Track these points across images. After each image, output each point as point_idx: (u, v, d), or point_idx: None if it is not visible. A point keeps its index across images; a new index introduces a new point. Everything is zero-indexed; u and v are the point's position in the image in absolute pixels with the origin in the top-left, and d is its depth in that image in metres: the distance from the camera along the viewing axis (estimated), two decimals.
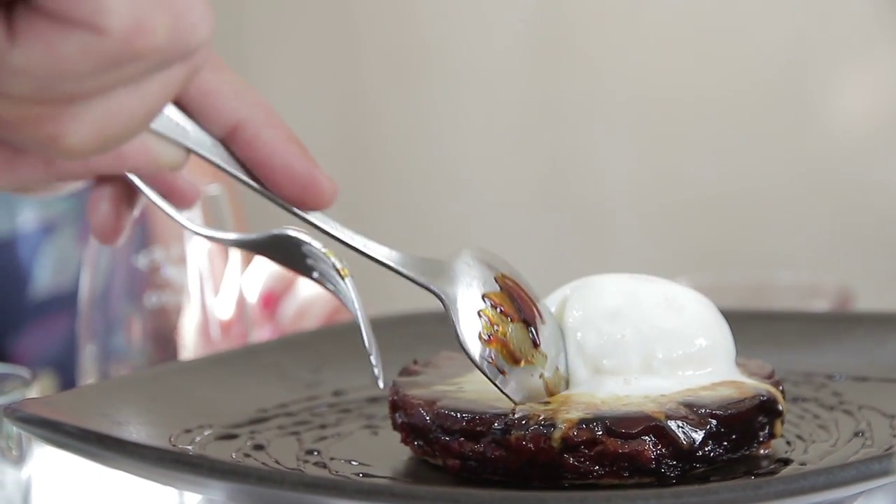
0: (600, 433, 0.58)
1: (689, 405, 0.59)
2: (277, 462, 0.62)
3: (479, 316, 0.59)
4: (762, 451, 0.62)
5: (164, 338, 0.87)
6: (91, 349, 0.87)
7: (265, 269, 0.96)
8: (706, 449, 0.59)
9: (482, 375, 0.60)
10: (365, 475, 0.61)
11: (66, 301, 1.12)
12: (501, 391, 0.59)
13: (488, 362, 0.59)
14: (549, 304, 0.65)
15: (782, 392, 0.62)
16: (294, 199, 0.54)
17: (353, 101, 2.12)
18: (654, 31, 1.97)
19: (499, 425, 0.59)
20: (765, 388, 0.62)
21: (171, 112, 0.50)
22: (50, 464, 0.81)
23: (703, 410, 0.59)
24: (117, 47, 0.43)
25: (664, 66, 1.97)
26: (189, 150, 0.51)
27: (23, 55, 0.42)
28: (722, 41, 1.94)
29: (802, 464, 0.60)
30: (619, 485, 0.58)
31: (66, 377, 1.13)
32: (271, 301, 0.95)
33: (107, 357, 0.87)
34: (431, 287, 0.59)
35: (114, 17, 0.42)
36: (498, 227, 2.03)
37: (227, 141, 0.52)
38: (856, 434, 0.63)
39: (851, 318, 0.85)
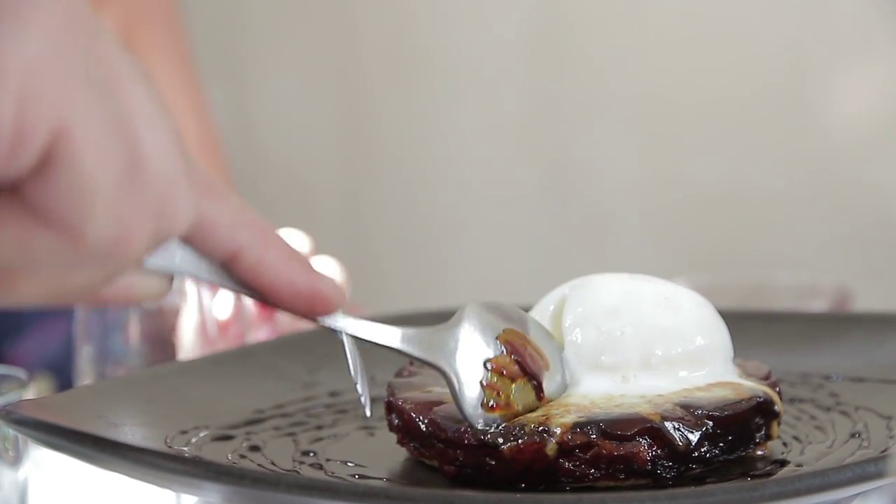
0: (595, 436, 0.57)
1: (685, 406, 0.59)
2: (273, 463, 0.61)
3: (482, 386, 0.60)
4: (758, 453, 0.62)
5: (161, 339, 0.87)
6: (88, 350, 0.87)
7: None
8: (702, 450, 0.59)
9: None
10: (361, 476, 0.60)
11: (63, 304, 1.12)
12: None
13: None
14: (548, 303, 0.65)
15: (779, 393, 0.62)
16: (302, 313, 0.54)
17: (354, 101, 2.12)
18: (654, 30, 1.97)
19: (492, 438, 0.59)
20: (761, 389, 0.62)
21: (172, 248, 0.50)
22: (46, 465, 0.81)
23: (699, 412, 0.59)
24: (91, 255, 0.42)
25: (664, 65, 1.97)
26: (191, 277, 0.52)
27: None
28: (722, 41, 1.94)
29: (799, 465, 0.60)
30: (616, 486, 0.58)
31: (64, 380, 1.13)
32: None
33: (104, 358, 0.87)
34: (436, 365, 0.59)
35: (95, 230, 0.42)
36: (498, 226, 2.03)
37: (229, 266, 0.52)
38: (852, 435, 0.63)
39: (849, 318, 0.85)
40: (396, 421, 0.63)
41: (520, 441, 0.58)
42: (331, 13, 2.10)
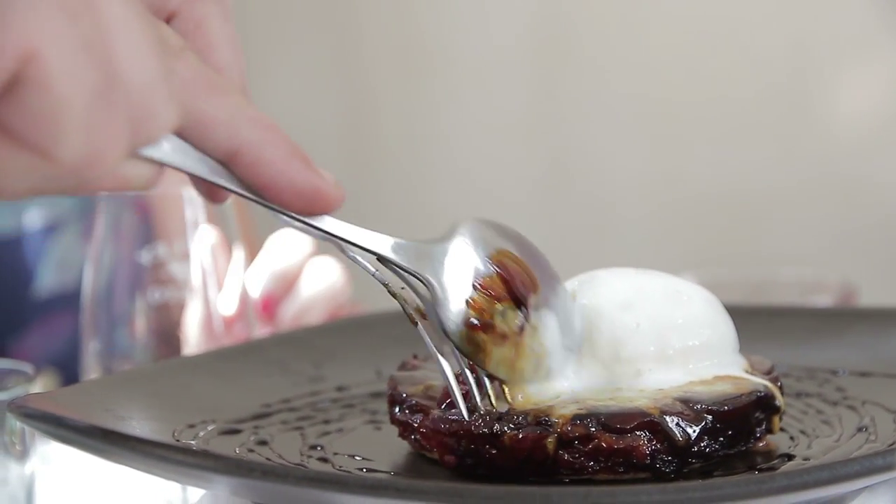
0: (594, 429, 0.58)
1: (685, 401, 0.59)
2: (281, 457, 0.62)
3: (467, 303, 0.58)
4: (760, 445, 0.62)
5: (167, 334, 0.87)
6: (94, 345, 0.87)
7: (266, 269, 0.96)
8: (702, 445, 0.59)
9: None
10: (368, 470, 0.61)
11: (69, 300, 1.12)
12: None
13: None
14: None
15: (780, 388, 0.62)
16: (302, 211, 0.53)
17: (357, 98, 2.12)
18: (657, 30, 1.97)
19: (492, 427, 0.59)
20: (762, 383, 0.62)
21: (169, 141, 0.50)
22: (53, 459, 0.81)
23: (698, 406, 0.59)
24: (63, 174, 0.43)
25: (668, 64, 1.97)
26: (185, 172, 0.51)
27: None
28: (725, 40, 1.94)
29: (806, 459, 0.60)
30: (615, 480, 0.58)
31: (69, 376, 1.13)
32: (270, 305, 0.95)
33: (110, 353, 0.87)
34: (422, 276, 0.58)
35: (67, 150, 0.42)
36: (500, 220, 2.03)
37: (229, 164, 0.51)
38: (859, 429, 0.63)
39: (855, 313, 0.85)
40: (398, 414, 0.64)
41: (520, 431, 0.58)
42: (334, 10, 2.11)
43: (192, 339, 0.86)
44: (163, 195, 0.87)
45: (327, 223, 0.55)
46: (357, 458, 0.62)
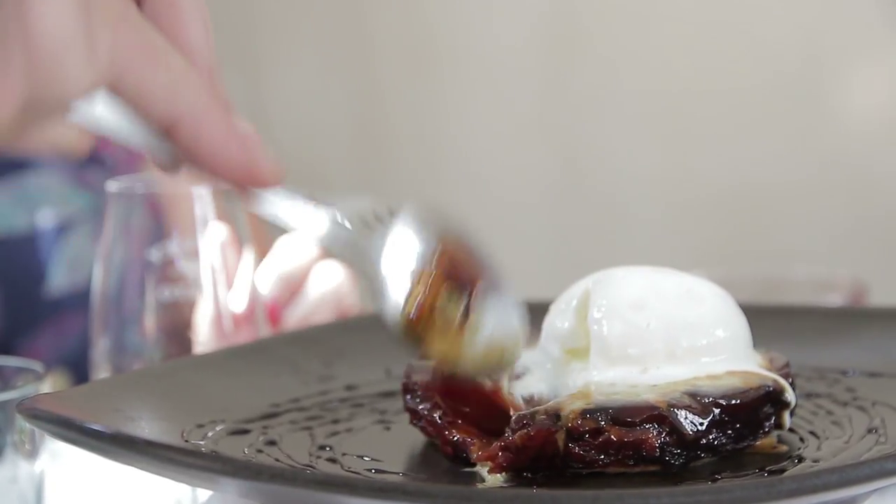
0: (604, 423, 0.58)
1: (693, 394, 0.60)
2: (290, 457, 0.62)
3: (407, 294, 0.58)
4: (770, 441, 0.62)
5: (177, 332, 0.87)
6: (104, 344, 0.87)
7: (273, 272, 0.96)
8: (710, 437, 0.59)
9: None
10: (377, 471, 0.61)
11: (81, 299, 1.12)
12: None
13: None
14: (570, 297, 0.66)
15: (792, 384, 0.62)
16: (239, 185, 0.54)
17: (367, 98, 2.12)
18: (669, 26, 1.97)
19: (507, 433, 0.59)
20: (772, 378, 0.62)
21: (104, 106, 0.50)
22: (63, 458, 0.81)
23: (706, 399, 0.59)
24: None
25: (679, 61, 1.96)
26: (118, 137, 0.51)
27: None
28: (736, 36, 1.94)
29: (815, 461, 0.60)
30: (625, 473, 0.59)
31: (80, 376, 1.13)
32: (276, 310, 0.95)
33: (120, 352, 0.87)
34: (360, 268, 0.57)
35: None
36: (512, 221, 2.03)
37: (169, 135, 0.51)
38: (869, 431, 0.63)
39: (865, 313, 0.85)
40: (410, 402, 0.64)
41: (530, 429, 0.58)
42: (344, 10, 2.10)
43: (202, 337, 0.86)
44: (173, 193, 0.87)
45: (270, 201, 0.55)
46: (366, 458, 0.62)
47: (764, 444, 0.62)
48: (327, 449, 0.64)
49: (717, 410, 0.59)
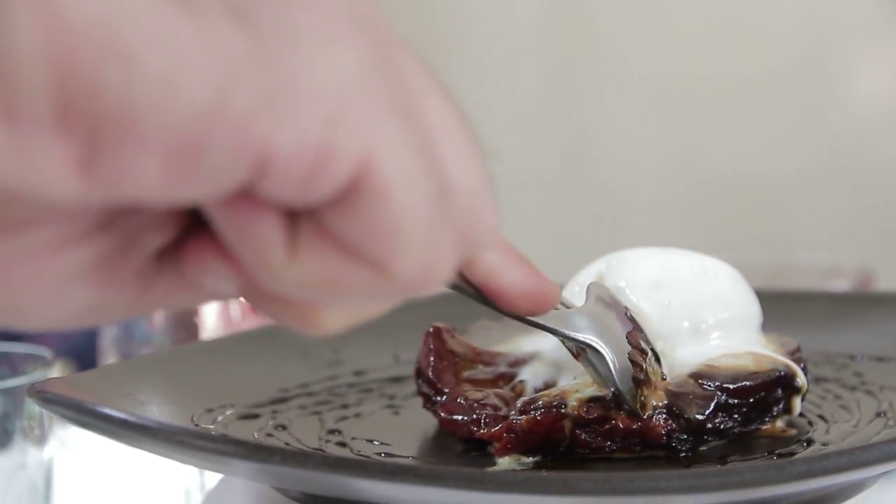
0: (611, 410, 0.58)
1: (700, 378, 0.60)
2: (299, 441, 0.62)
3: (631, 361, 0.58)
4: (778, 425, 0.62)
5: (185, 322, 0.87)
6: (112, 332, 0.87)
7: None
8: (716, 422, 0.59)
9: (506, 349, 0.63)
10: (386, 455, 0.61)
11: None
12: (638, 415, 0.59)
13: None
14: (584, 279, 0.66)
15: (804, 368, 0.62)
16: (527, 313, 0.51)
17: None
18: (673, 13, 1.96)
19: (510, 412, 0.59)
20: (783, 362, 0.62)
21: None
22: (72, 444, 0.81)
23: (711, 384, 0.59)
24: (394, 289, 0.37)
25: (683, 49, 1.96)
26: None
27: (298, 274, 0.36)
28: (742, 23, 1.94)
29: (825, 444, 0.60)
30: (632, 458, 0.59)
31: (86, 366, 1.13)
32: None
33: (128, 339, 0.87)
34: (590, 342, 0.57)
35: (405, 265, 0.37)
36: (517, 210, 2.03)
37: (462, 268, 0.48)
38: (878, 414, 0.63)
39: (872, 298, 0.85)
40: (423, 387, 0.64)
41: (537, 414, 0.58)
42: None
43: (210, 325, 0.87)
44: None
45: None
46: (375, 442, 0.63)
47: (773, 428, 0.62)
48: (337, 433, 0.64)
49: (723, 395, 0.59)
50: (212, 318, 0.87)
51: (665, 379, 0.60)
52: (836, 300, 0.83)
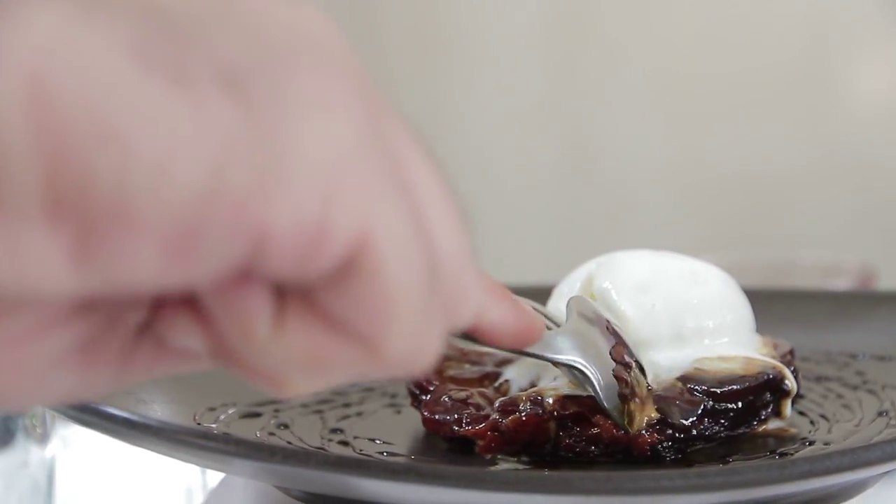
0: (588, 408, 0.58)
1: (686, 382, 0.60)
2: (301, 440, 0.62)
3: (616, 377, 0.58)
4: (769, 428, 0.62)
5: None
6: None
7: None
8: (702, 427, 0.59)
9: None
10: (388, 454, 0.61)
11: None
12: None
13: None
14: (574, 280, 0.66)
15: (794, 371, 0.62)
16: (511, 348, 0.51)
17: (371, 78, 2.11)
18: (675, 9, 1.96)
19: (492, 412, 0.59)
20: (771, 364, 0.62)
21: None
22: (74, 442, 0.81)
23: (698, 388, 0.59)
24: (381, 367, 0.36)
25: (685, 45, 1.96)
26: None
27: (282, 350, 0.35)
28: (744, 19, 1.94)
29: (826, 444, 0.60)
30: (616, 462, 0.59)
31: None
32: None
33: None
34: (574, 364, 0.57)
35: (396, 344, 0.35)
36: (518, 206, 2.03)
37: None
38: (879, 414, 0.63)
39: (874, 297, 0.85)
40: (410, 385, 0.65)
41: (523, 414, 0.58)
42: None
43: None
44: None
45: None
46: (377, 441, 0.63)
47: (775, 428, 0.62)
48: (339, 432, 0.64)
49: (709, 399, 0.59)
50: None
51: (651, 389, 0.59)
52: (837, 299, 0.83)
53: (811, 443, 0.60)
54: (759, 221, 1.93)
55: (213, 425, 0.62)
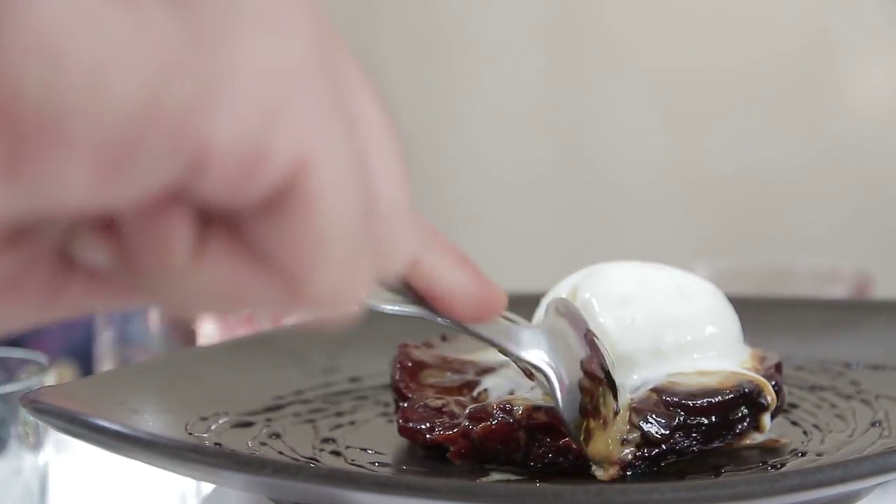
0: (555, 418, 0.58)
1: (661, 394, 0.59)
2: (293, 450, 0.62)
3: (581, 388, 0.56)
4: (746, 442, 0.61)
5: (181, 324, 0.87)
6: (108, 336, 0.87)
7: None
8: (672, 442, 0.58)
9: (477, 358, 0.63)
10: (380, 464, 0.61)
11: None
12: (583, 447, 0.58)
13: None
14: (560, 291, 0.65)
15: (777, 386, 0.62)
16: (470, 319, 0.49)
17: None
18: (674, 10, 1.96)
19: (463, 420, 0.60)
20: (749, 378, 0.61)
21: None
22: (67, 450, 0.81)
23: (671, 400, 0.59)
24: (302, 305, 0.35)
25: (684, 46, 1.96)
26: None
27: (197, 281, 0.33)
28: (743, 20, 1.94)
29: (819, 454, 0.60)
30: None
31: (87, 367, 1.13)
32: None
33: (124, 343, 0.87)
34: (538, 366, 0.55)
35: (320, 282, 0.34)
36: (515, 208, 2.03)
37: (407, 276, 0.46)
38: (873, 424, 0.63)
39: (869, 305, 0.85)
40: (392, 394, 0.65)
41: (493, 422, 0.58)
42: None
43: (207, 328, 0.86)
44: None
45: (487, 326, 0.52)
46: (369, 451, 0.62)
47: (767, 439, 0.62)
48: (331, 442, 0.64)
49: (681, 412, 0.59)
50: (209, 323, 0.86)
51: (618, 413, 0.57)
52: (832, 308, 0.83)
53: (803, 454, 0.60)
54: (757, 222, 1.93)
55: (205, 435, 0.62)
